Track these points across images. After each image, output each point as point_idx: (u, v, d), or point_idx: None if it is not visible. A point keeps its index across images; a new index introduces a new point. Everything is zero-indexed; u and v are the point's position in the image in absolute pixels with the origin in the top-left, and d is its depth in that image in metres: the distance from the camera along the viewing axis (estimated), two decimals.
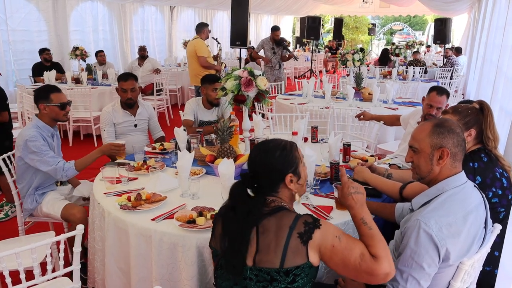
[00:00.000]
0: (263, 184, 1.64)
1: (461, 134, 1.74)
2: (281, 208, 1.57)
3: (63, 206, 3.00)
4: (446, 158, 1.71)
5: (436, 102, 3.28)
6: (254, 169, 1.65)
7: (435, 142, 1.72)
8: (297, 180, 1.65)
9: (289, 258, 1.46)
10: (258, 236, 1.50)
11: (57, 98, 3.02)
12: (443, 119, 1.81)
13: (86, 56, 8.54)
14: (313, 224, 1.50)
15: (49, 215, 3.05)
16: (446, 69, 10.41)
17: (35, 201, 3.05)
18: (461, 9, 12.36)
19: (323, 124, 4.86)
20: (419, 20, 31.66)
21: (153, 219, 2.16)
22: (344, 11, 19.59)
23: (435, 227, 1.58)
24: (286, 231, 1.48)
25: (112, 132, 3.72)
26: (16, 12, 8.27)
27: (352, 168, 2.85)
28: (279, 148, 1.64)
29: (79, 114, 6.70)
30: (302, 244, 1.47)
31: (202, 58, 6.62)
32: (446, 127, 1.73)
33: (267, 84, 2.92)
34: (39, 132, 2.96)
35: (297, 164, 1.65)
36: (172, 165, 2.99)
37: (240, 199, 1.60)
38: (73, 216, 2.93)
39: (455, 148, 1.72)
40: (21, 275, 1.98)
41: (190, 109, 4.03)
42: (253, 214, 1.54)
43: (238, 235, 1.52)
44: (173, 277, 2.07)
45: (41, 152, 2.88)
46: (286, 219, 1.51)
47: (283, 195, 1.64)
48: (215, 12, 15.17)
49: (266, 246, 1.49)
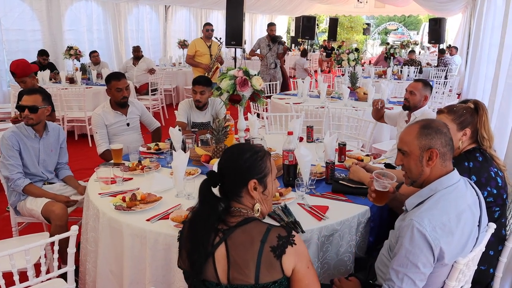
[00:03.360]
0: (227, 185, 1.59)
1: (448, 133, 1.75)
2: (249, 219, 1.51)
3: (45, 202, 2.99)
4: (436, 158, 1.72)
5: (410, 86, 3.56)
6: (222, 168, 1.61)
7: (423, 144, 1.74)
8: (262, 190, 1.60)
9: (263, 273, 1.41)
10: (228, 250, 1.44)
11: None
12: (430, 119, 1.81)
13: (80, 55, 8.50)
14: (286, 239, 1.44)
15: (31, 210, 3.03)
16: (440, 68, 10.46)
17: (18, 196, 3.06)
18: (455, 9, 12.42)
19: (318, 123, 4.86)
20: (414, 19, 31.77)
21: (148, 220, 2.14)
22: (339, 10, 19.62)
23: (429, 227, 1.58)
24: (258, 244, 1.42)
25: (105, 134, 3.67)
26: (10, 11, 8.22)
27: (347, 168, 2.86)
28: (250, 151, 1.60)
29: (73, 114, 6.66)
30: (275, 258, 1.41)
31: (187, 56, 7.09)
32: (433, 127, 1.74)
33: (262, 84, 2.91)
34: (15, 133, 3.02)
35: (265, 174, 1.60)
36: (167, 165, 2.98)
37: (205, 197, 1.55)
38: (52, 213, 2.91)
39: (443, 148, 1.72)
40: (15, 277, 1.97)
41: (183, 111, 4.01)
42: (215, 212, 1.51)
43: (201, 229, 1.48)
44: (167, 279, 2.06)
45: (5, 156, 2.97)
46: (257, 232, 1.46)
47: (247, 202, 1.58)
48: (210, 12, 15.14)
49: (238, 261, 1.42)
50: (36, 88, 3.14)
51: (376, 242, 2.36)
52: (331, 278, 2.06)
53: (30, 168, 3.09)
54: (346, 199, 2.39)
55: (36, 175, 3.14)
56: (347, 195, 2.43)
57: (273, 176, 1.66)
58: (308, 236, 2.04)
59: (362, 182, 2.50)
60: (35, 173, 3.13)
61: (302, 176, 2.45)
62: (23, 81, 4.29)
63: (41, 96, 3.08)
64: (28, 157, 3.07)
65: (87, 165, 4.90)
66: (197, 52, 6.87)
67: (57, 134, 3.28)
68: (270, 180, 1.64)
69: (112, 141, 3.66)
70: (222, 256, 1.45)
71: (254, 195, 1.57)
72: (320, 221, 2.11)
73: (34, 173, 3.12)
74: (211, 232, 1.48)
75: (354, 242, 2.21)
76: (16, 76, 4.30)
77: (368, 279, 2.00)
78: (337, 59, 7.61)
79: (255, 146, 1.67)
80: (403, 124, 3.67)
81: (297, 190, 2.38)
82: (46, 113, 3.13)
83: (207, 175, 1.60)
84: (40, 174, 3.17)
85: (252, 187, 1.57)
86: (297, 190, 2.38)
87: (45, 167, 3.20)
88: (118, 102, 3.72)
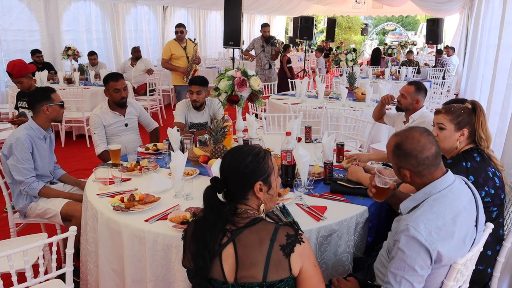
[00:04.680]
0: (233, 190, 1.60)
1: (420, 155, 1.71)
2: (257, 220, 1.53)
3: (64, 202, 2.98)
4: (409, 177, 1.76)
5: (402, 89, 3.56)
6: (225, 174, 1.62)
7: (397, 163, 1.79)
8: (267, 190, 1.62)
9: (271, 271, 1.43)
10: (236, 250, 1.46)
11: (56, 97, 3.11)
12: (405, 136, 1.76)
13: (78, 56, 8.49)
14: (295, 237, 1.48)
15: (46, 210, 3.00)
16: (438, 69, 10.48)
17: (29, 199, 3.03)
18: (453, 9, 12.45)
19: (316, 124, 4.87)
20: (412, 20, 31.80)
21: (146, 220, 2.14)
22: (337, 11, 19.63)
23: (424, 232, 1.59)
24: (267, 243, 1.45)
25: (103, 134, 3.67)
26: (8, 12, 8.21)
27: (345, 168, 2.86)
28: (251, 154, 1.61)
29: (72, 115, 6.66)
30: (284, 256, 1.44)
31: (162, 60, 6.77)
32: (402, 150, 1.75)
33: (261, 84, 2.92)
34: (29, 135, 2.97)
35: (268, 173, 1.62)
36: (166, 165, 2.98)
37: (211, 204, 1.56)
38: (77, 211, 2.85)
39: (417, 168, 1.74)
40: (13, 278, 1.96)
41: (181, 111, 4.00)
42: (221, 218, 1.51)
43: (206, 235, 1.49)
44: (167, 278, 2.06)
45: (20, 159, 2.91)
46: (266, 231, 1.48)
47: (252, 203, 1.60)
48: (208, 12, 15.14)
49: (247, 261, 1.45)
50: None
51: (374, 242, 2.37)
52: (329, 278, 2.06)
53: (40, 169, 3.07)
54: (344, 200, 2.39)
55: (44, 176, 3.13)
56: (345, 196, 2.44)
57: (276, 174, 1.68)
58: (307, 236, 2.03)
59: (360, 182, 2.50)
60: (44, 173, 3.12)
61: (301, 177, 2.45)
62: (20, 82, 4.29)
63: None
64: (39, 158, 3.05)
65: (85, 166, 4.89)
66: (173, 55, 6.66)
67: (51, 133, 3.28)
68: (274, 179, 1.66)
69: (110, 142, 3.66)
70: (229, 256, 1.47)
71: (260, 196, 1.60)
72: (319, 221, 2.12)
73: (43, 174, 3.11)
74: (217, 236, 1.50)
75: (352, 242, 2.22)
76: (12, 76, 4.29)
77: (366, 279, 2.01)
78: (335, 59, 7.63)
79: (254, 147, 1.68)
80: (401, 125, 3.69)
81: (295, 191, 2.38)
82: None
83: (211, 182, 1.61)
84: (48, 174, 3.17)
85: (258, 189, 1.59)
86: (295, 190, 2.38)
87: (49, 167, 3.20)
88: (116, 103, 3.71)
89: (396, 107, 3.66)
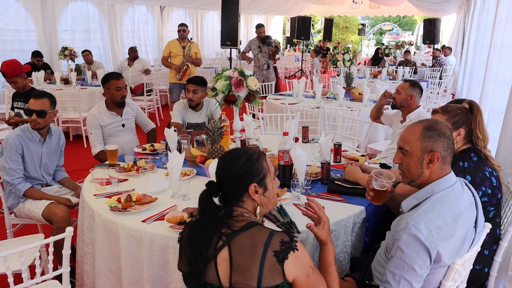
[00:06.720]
0: (228, 193, 1.59)
1: (451, 137, 1.74)
2: (252, 224, 1.51)
3: (46, 204, 2.97)
4: (437, 162, 1.70)
5: (398, 86, 3.68)
6: (220, 177, 1.61)
7: (426, 146, 1.71)
8: (262, 192, 1.60)
9: (265, 277, 1.41)
10: (230, 254, 1.45)
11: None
12: (433, 120, 1.79)
13: (75, 56, 8.47)
14: (289, 244, 1.46)
15: (31, 212, 3.01)
16: (435, 69, 10.50)
17: (17, 198, 3.04)
18: (449, 10, 12.48)
19: (313, 124, 4.86)
20: (409, 20, 31.86)
21: (143, 221, 2.14)
22: (334, 11, 19.66)
23: (425, 231, 1.58)
24: (261, 249, 1.43)
25: (100, 135, 3.66)
26: (4, 12, 8.19)
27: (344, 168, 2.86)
28: (244, 156, 1.60)
29: (68, 115, 6.64)
30: (278, 262, 1.42)
31: (162, 58, 7.12)
32: (437, 130, 1.72)
33: (258, 84, 2.91)
34: (21, 136, 2.99)
35: (263, 175, 1.60)
36: (163, 166, 2.97)
37: (205, 208, 1.55)
38: (55, 215, 2.89)
39: (445, 152, 1.71)
40: (9, 279, 1.96)
41: (178, 112, 4.00)
42: (215, 222, 1.51)
43: (201, 240, 1.49)
44: (164, 279, 2.06)
45: (7, 159, 2.93)
46: (260, 236, 1.46)
47: (248, 206, 1.59)
48: (205, 12, 15.14)
49: (241, 265, 1.43)
50: (44, 91, 3.12)
51: (371, 242, 2.37)
52: None
53: (30, 172, 3.08)
54: (342, 200, 2.39)
55: (36, 179, 3.13)
56: (342, 196, 2.43)
57: (272, 175, 1.66)
58: (304, 236, 2.03)
59: (357, 182, 2.50)
60: (36, 177, 3.12)
61: (298, 177, 2.45)
62: (14, 82, 4.26)
63: (49, 100, 3.07)
64: (30, 161, 3.05)
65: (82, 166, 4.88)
66: (171, 53, 6.90)
67: (58, 137, 3.28)
68: (270, 180, 1.63)
69: (107, 142, 3.65)
70: (224, 260, 1.45)
71: (256, 198, 1.58)
72: None
73: (34, 177, 3.11)
74: (212, 240, 1.49)
75: (349, 242, 2.22)
76: (6, 76, 4.27)
77: (364, 279, 2.01)
78: (332, 59, 7.63)
79: (248, 149, 1.66)
80: (399, 124, 3.70)
81: (292, 191, 2.38)
82: (52, 117, 3.13)
83: (206, 186, 1.60)
84: (40, 177, 3.16)
85: (253, 191, 1.57)
86: (292, 190, 2.38)
87: (45, 170, 3.19)
88: (116, 102, 3.71)
89: (391, 104, 3.70)
